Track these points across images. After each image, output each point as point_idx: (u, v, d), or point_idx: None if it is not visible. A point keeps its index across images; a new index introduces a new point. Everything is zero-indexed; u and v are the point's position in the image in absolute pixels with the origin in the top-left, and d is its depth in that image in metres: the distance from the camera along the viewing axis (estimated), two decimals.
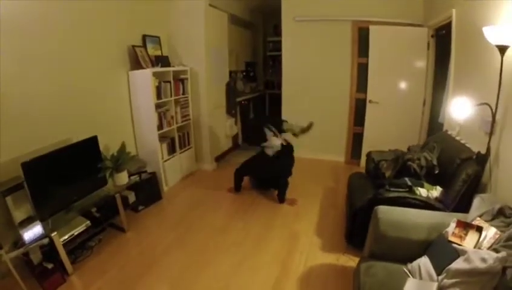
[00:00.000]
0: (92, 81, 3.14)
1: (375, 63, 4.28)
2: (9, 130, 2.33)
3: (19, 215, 2.24)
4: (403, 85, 4.30)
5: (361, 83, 4.52)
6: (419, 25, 4.09)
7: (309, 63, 4.79)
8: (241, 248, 2.73)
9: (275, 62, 7.21)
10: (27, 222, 2.20)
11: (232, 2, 5.53)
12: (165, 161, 3.93)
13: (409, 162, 2.60)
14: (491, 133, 2.08)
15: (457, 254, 1.54)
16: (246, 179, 3.91)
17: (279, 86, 5.23)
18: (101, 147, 2.97)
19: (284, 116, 5.03)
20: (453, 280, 1.43)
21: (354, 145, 4.84)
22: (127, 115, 3.70)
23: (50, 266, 2.27)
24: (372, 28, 4.18)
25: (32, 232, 2.16)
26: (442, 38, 3.74)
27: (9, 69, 2.30)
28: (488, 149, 2.09)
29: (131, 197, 3.35)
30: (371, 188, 2.67)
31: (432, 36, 3.96)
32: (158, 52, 3.99)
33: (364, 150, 4.40)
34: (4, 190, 2.16)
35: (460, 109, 2.38)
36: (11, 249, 2.16)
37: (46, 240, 2.26)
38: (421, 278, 1.61)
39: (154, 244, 2.81)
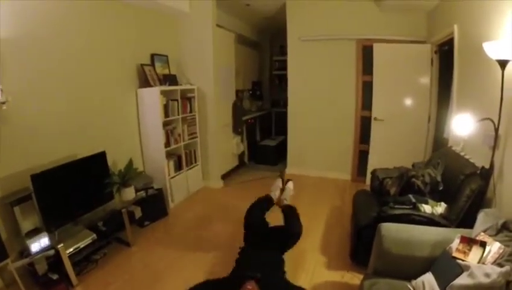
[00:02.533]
0: (102, 99, 3.25)
1: (379, 81, 4.32)
2: (21, 142, 2.42)
3: (26, 225, 2.29)
4: (407, 102, 4.31)
5: (366, 101, 4.55)
6: (422, 42, 4.14)
7: (314, 81, 4.85)
8: None
9: (281, 81, 7.30)
10: (34, 232, 2.25)
11: (239, 22, 5.71)
12: (172, 177, 3.96)
13: (413, 179, 2.58)
14: (494, 148, 2.08)
15: (461, 269, 1.52)
16: None
17: (285, 104, 5.29)
18: (109, 163, 3.04)
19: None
20: None
21: (360, 163, 4.80)
22: (135, 132, 3.79)
23: (55, 276, 2.30)
24: (376, 45, 4.25)
25: (39, 243, 2.20)
26: (445, 54, 3.76)
27: (20, 85, 2.40)
28: (492, 164, 2.09)
29: (138, 213, 3.37)
30: (375, 205, 2.65)
31: (436, 52, 3.99)
32: (166, 71, 4.09)
33: (370, 167, 4.37)
34: (13, 200, 2.22)
35: (464, 124, 2.38)
36: (17, 259, 2.20)
37: (52, 251, 2.29)
38: None
39: (159, 259, 2.81)
